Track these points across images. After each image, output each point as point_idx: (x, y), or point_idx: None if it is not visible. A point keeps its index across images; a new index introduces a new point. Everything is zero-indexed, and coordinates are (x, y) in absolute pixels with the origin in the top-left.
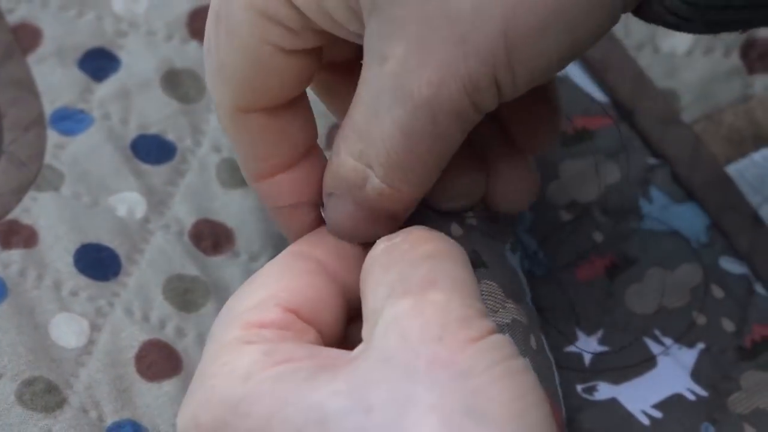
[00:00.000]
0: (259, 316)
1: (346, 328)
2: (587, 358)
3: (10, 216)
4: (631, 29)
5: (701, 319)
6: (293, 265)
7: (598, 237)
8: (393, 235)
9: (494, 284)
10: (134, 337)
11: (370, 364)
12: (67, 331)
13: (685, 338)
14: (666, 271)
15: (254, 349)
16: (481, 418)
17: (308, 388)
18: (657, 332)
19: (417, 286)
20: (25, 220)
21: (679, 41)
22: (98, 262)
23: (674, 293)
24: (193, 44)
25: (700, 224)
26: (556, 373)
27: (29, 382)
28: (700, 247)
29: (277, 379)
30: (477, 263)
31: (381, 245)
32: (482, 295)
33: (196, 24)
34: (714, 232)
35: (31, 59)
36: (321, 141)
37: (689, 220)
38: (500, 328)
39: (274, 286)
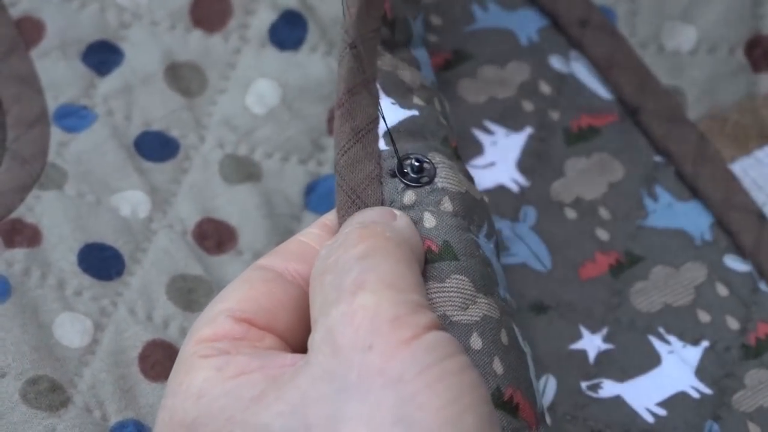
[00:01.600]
0: (212, 330)
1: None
2: (592, 356)
3: (14, 215)
4: (636, 28)
5: (705, 317)
6: (250, 277)
7: (603, 235)
8: (337, 235)
9: (465, 279)
10: (138, 336)
11: (308, 380)
12: (70, 330)
13: (689, 336)
14: (670, 269)
15: (207, 364)
16: (411, 428)
17: (255, 409)
18: (661, 330)
19: (347, 292)
20: (29, 219)
21: (684, 39)
22: (102, 262)
23: (678, 291)
24: (196, 33)
25: (705, 222)
26: (531, 366)
27: (33, 381)
28: (704, 245)
29: (227, 397)
30: (447, 255)
31: (323, 250)
32: (450, 291)
33: (198, 12)
34: (718, 230)
35: (35, 53)
36: (321, 127)
37: (694, 218)
38: (459, 326)
39: (229, 299)
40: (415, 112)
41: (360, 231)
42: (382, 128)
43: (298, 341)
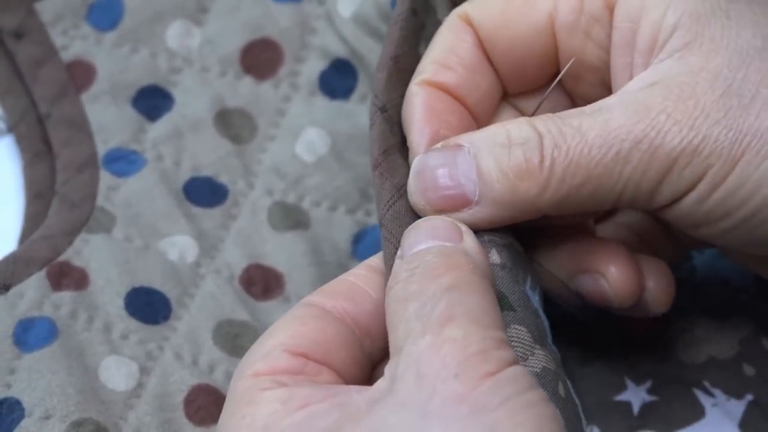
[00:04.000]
0: (270, 364)
1: (373, 367)
2: (636, 407)
3: (62, 257)
4: None
5: (750, 371)
6: (299, 314)
7: None
8: (405, 254)
9: (523, 329)
10: (183, 381)
11: (388, 409)
12: (116, 373)
13: (733, 389)
14: (716, 321)
15: (272, 397)
16: None
17: None
18: (706, 383)
19: (435, 323)
20: (77, 262)
21: None
22: (148, 306)
23: (723, 344)
24: (246, 80)
25: (750, 274)
26: (582, 419)
27: (78, 424)
28: (749, 298)
29: (297, 429)
30: (504, 306)
31: (402, 273)
32: (511, 341)
33: (248, 59)
34: (764, 283)
35: (85, 97)
36: (369, 177)
37: (739, 270)
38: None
39: (281, 335)
40: None
41: (444, 260)
42: None
43: (351, 377)
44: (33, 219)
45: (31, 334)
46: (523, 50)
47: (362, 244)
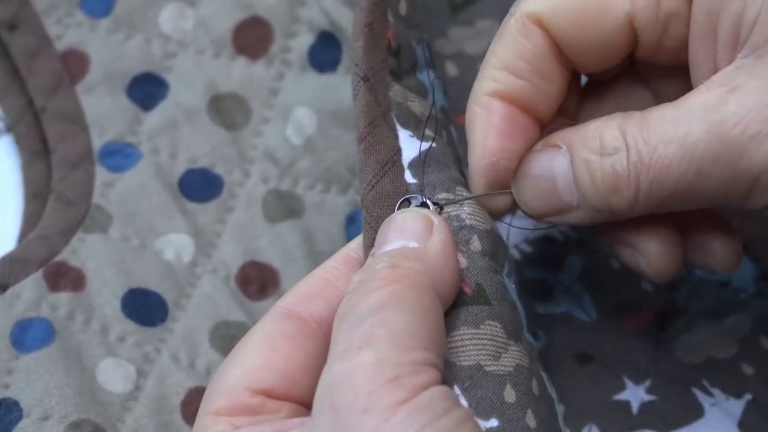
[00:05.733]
0: (231, 402)
1: None
2: (635, 407)
3: (59, 258)
4: None
5: (749, 370)
6: (273, 332)
7: (648, 286)
8: (365, 267)
9: (497, 325)
10: (180, 383)
11: None
12: (114, 375)
13: (732, 389)
14: (715, 321)
15: None
16: None
17: None
18: (705, 382)
19: (354, 347)
20: (74, 262)
21: None
22: (145, 308)
23: (722, 344)
24: (240, 61)
25: (749, 274)
26: (557, 411)
27: (76, 425)
28: (748, 297)
29: None
30: (480, 299)
31: (351, 283)
32: (484, 339)
33: (240, 39)
34: (763, 282)
35: (80, 88)
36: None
37: (739, 270)
38: (493, 377)
39: (250, 363)
40: (433, 144)
41: (386, 273)
42: (405, 159)
43: None
44: (31, 219)
45: (28, 335)
46: (602, 52)
47: (355, 226)
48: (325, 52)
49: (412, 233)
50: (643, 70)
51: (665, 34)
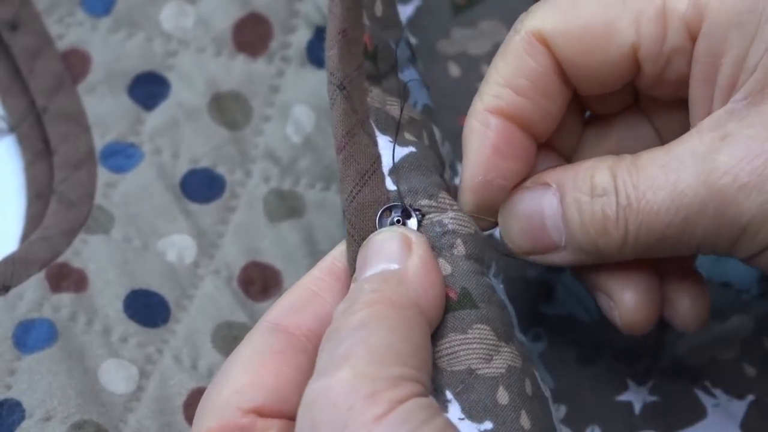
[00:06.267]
0: (222, 422)
1: None
2: (638, 407)
3: (61, 259)
4: None
5: (751, 371)
6: (261, 348)
7: None
8: (351, 290)
9: (486, 328)
10: (182, 384)
11: None
12: (116, 376)
13: (734, 390)
14: (717, 322)
15: None
16: None
17: None
18: (707, 383)
19: (334, 364)
20: (76, 263)
21: None
22: (148, 309)
23: (725, 345)
24: (240, 59)
25: (752, 276)
26: (551, 410)
27: (79, 426)
28: (751, 298)
29: None
30: (467, 303)
31: (340, 308)
32: (473, 343)
33: (240, 37)
34: (766, 283)
35: (81, 88)
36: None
37: (741, 271)
38: (485, 380)
39: (239, 381)
40: (413, 149)
41: (369, 296)
42: (385, 166)
43: None
44: (34, 219)
45: (31, 336)
46: (604, 77)
47: None
48: (322, 48)
49: (390, 255)
50: (647, 106)
51: (668, 68)
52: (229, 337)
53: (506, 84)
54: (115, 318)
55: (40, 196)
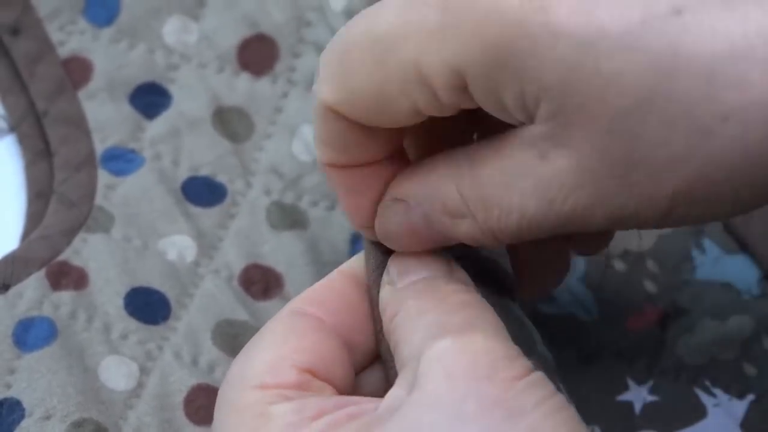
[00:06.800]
0: (277, 379)
1: (354, 380)
2: (638, 407)
3: (61, 257)
4: None
5: (752, 371)
6: (295, 325)
7: (651, 287)
8: (416, 279)
9: None
10: (183, 381)
11: (418, 409)
12: (116, 373)
13: (735, 389)
14: (717, 322)
15: (283, 410)
16: None
17: None
18: (708, 383)
19: (456, 330)
20: (76, 261)
21: None
22: (148, 306)
23: (725, 344)
24: (244, 76)
25: (753, 276)
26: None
27: (78, 424)
28: (751, 299)
29: None
30: None
31: (387, 288)
32: None
33: (245, 56)
34: (766, 284)
35: (82, 94)
36: None
37: (741, 271)
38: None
39: (284, 348)
40: None
41: (452, 286)
42: None
43: (345, 391)
44: (34, 219)
45: (30, 334)
46: (409, 123)
47: (360, 244)
48: None
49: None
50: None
51: (462, 106)
52: (229, 334)
53: (328, 144)
54: (116, 315)
55: (40, 195)
